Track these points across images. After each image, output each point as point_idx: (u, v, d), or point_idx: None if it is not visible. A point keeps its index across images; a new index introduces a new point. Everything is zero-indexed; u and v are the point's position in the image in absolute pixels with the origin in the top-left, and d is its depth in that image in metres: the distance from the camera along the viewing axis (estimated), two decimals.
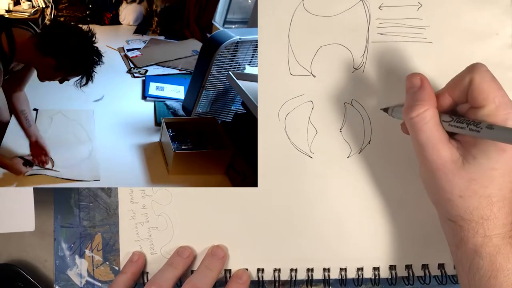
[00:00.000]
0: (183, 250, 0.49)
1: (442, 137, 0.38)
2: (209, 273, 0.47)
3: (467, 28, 0.50)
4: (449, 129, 0.38)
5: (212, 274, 0.47)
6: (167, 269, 0.47)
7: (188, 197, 0.50)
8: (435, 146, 0.37)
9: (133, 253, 0.50)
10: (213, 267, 0.48)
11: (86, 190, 0.52)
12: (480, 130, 0.35)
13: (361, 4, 0.50)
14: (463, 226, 0.38)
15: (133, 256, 0.50)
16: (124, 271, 0.48)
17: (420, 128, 0.38)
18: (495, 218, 0.37)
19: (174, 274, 0.47)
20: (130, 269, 0.48)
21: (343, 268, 0.50)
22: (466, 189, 0.37)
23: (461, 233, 0.39)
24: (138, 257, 0.50)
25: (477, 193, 0.37)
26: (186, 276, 0.48)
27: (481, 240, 0.37)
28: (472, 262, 0.38)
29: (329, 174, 0.50)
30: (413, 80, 0.40)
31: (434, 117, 0.38)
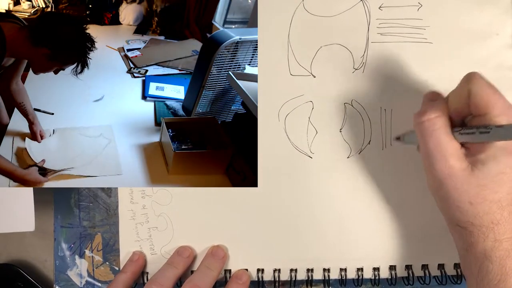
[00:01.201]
0: (183, 250, 0.49)
1: (451, 146, 0.37)
2: (209, 272, 0.47)
3: (467, 28, 0.50)
4: (460, 138, 0.38)
5: (213, 273, 0.47)
6: (167, 269, 0.47)
7: (188, 197, 0.50)
8: (445, 154, 0.37)
9: (133, 252, 0.50)
10: (214, 267, 0.48)
11: (86, 190, 0.52)
12: (490, 131, 0.35)
13: (361, 5, 0.50)
14: (473, 232, 0.38)
15: (133, 255, 0.50)
16: (124, 270, 0.49)
17: (429, 134, 0.38)
18: (505, 222, 0.37)
19: (174, 274, 0.47)
20: (130, 269, 0.49)
21: (343, 268, 0.50)
22: (476, 196, 0.37)
23: (471, 238, 0.38)
24: (138, 256, 0.50)
25: (487, 198, 0.37)
26: (186, 276, 0.48)
27: (491, 244, 0.37)
28: (481, 266, 0.38)
29: (329, 174, 0.50)
30: (429, 94, 0.41)
31: (444, 125, 0.38)
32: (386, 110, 0.50)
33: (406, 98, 0.49)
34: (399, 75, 0.49)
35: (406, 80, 0.50)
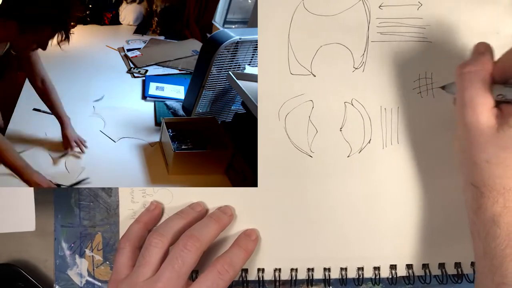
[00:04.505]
0: (196, 205, 0.48)
1: (485, 101, 0.38)
2: (211, 224, 0.45)
3: (467, 27, 0.50)
4: (496, 93, 0.38)
5: (214, 226, 0.45)
6: (173, 219, 0.45)
7: (188, 197, 0.50)
8: (476, 108, 0.38)
9: (151, 202, 0.49)
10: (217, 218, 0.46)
11: (87, 190, 0.52)
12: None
13: (361, 4, 0.50)
14: (484, 193, 0.38)
15: (150, 205, 0.49)
16: (137, 219, 0.47)
17: (467, 85, 0.38)
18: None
19: (179, 224, 0.45)
20: (144, 219, 0.47)
21: (343, 267, 0.50)
22: (494, 156, 0.37)
23: (481, 200, 0.39)
24: (155, 207, 0.48)
25: (504, 162, 0.37)
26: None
27: (500, 210, 0.38)
28: (489, 230, 0.38)
29: (329, 174, 0.50)
30: (478, 46, 0.41)
31: (483, 79, 0.38)
32: (387, 109, 0.50)
33: (406, 97, 0.50)
34: (399, 74, 0.49)
35: (406, 79, 0.50)
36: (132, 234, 0.46)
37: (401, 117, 0.50)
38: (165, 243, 0.43)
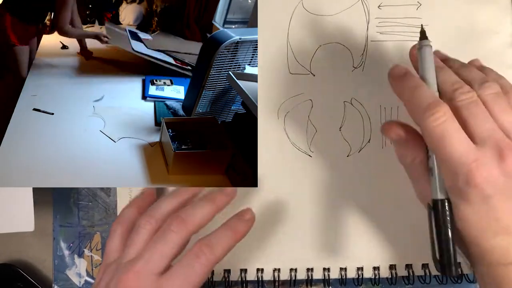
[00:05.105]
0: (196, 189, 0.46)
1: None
2: (203, 204, 0.42)
3: (467, 27, 0.49)
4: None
5: (207, 206, 0.42)
6: (165, 200, 0.43)
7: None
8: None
9: (144, 188, 0.48)
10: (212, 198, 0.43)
11: (86, 190, 0.52)
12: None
13: (361, 3, 0.50)
14: None
15: (143, 190, 0.48)
16: (130, 204, 0.45)
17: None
18: None
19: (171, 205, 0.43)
20: (137, 203, 0.45)
21: (343, 267, 0.50)
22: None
23: None
24: (149, 191, 0.47)
25: None
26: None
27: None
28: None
29: (328, 173, 0.50)
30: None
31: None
32: (386, 108, 0.50)
33: None
34: None
35: None
36: (124, 217, 0.44)
37: (400, 116, 0.49)
38: (154, 225, 0.41)
